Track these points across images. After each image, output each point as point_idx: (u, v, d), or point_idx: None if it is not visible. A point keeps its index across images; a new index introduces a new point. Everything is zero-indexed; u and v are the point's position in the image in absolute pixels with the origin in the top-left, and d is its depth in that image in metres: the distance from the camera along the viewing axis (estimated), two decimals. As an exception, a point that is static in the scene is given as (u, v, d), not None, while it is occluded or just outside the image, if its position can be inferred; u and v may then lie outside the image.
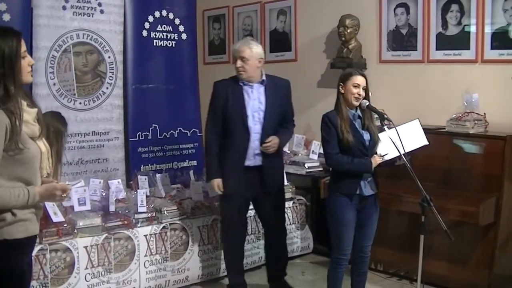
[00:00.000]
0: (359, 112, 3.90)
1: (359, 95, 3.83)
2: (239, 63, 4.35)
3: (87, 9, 5.35)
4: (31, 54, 4.66)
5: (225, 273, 4.88)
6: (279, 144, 4.42)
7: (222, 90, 4.44)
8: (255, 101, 4.39)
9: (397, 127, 3.67)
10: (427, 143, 3.93)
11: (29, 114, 2.53)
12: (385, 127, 3.72)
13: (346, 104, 3.87)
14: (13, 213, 2.44)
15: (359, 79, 3.84)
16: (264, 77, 4.45)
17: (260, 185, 4.44)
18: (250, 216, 5.11)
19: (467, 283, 4.53)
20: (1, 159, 2.38)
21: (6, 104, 2.39)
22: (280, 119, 4.49)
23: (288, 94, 4.57)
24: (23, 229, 2.49)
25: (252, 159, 4.39)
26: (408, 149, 3.75)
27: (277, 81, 4.54)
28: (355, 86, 3.82)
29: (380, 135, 3.84)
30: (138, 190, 4.68)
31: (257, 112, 4.39)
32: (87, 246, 4.15)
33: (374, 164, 3.79)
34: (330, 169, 4.10)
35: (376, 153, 3.84)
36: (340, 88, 3.90)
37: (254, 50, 4.37)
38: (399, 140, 3.59)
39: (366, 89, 3.87)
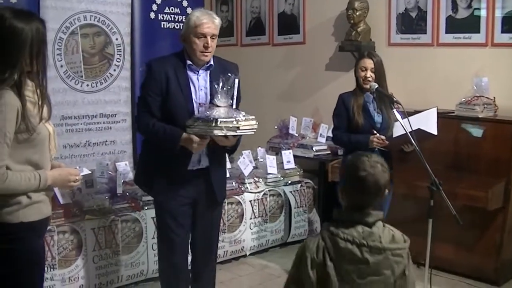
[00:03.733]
0: (375, 95, 3.91)
1: (366, 77, 3.85)
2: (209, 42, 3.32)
3: (95, -9, 5.33)
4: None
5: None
6: None
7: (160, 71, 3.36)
8: (201, 91, 3.43)
9: (416, 114, 3.68)
10: (435, 133, 3.90)
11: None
12: (394, 110, 3.72)
13: (361, 87, 3.94)
14: (28, 196, 2.45)
15: (366, 62, 3.89)
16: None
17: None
18: (258, 199, 5.12)
19: (474, 267, 4.53)
20: (12, 141, 2.38)
21: (20, 89, 2.39)
22: None
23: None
24: (37, 211, 2.50)
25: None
26: (414, 128, 3.71)
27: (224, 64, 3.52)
28: (362, 70, 3.87)
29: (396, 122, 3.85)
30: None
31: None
32: (95, 228, 4.16)
33: (372, 140, 3.81)
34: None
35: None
36: (354, 72, 3.99)
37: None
38: (409, 124, 3.58)
39: (378, 72, 3.87)
